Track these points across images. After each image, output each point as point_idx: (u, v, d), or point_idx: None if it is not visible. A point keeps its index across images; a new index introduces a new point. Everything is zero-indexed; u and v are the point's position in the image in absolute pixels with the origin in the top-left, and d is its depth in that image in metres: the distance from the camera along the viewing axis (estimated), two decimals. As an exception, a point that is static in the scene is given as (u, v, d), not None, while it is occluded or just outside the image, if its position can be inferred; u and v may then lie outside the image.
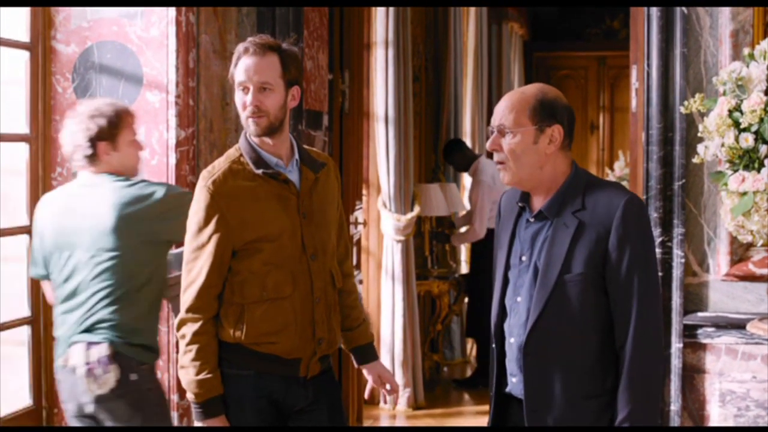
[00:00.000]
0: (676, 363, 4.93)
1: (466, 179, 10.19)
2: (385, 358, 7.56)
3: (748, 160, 4.25)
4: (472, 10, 10.74)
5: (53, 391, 4.58)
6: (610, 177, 10.83)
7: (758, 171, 4.21)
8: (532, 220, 3.44)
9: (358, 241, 6.69)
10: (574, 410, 3.38)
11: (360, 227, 6.50)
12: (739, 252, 4.92)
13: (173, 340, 4.58)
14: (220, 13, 5.01)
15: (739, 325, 4.78)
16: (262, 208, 3.75)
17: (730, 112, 4.32)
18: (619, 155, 11.54)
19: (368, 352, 4.14)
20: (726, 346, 4.91)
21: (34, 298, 4.66)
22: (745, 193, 4.26)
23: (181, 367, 3.76)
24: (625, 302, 3.33)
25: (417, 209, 7.93)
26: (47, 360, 4.63)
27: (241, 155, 3.79)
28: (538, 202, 3.44)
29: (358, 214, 6.41)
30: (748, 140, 4.22)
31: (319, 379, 3.89)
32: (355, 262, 6.46)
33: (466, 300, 9.35)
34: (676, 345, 4.92)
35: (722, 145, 4.29)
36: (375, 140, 7.58)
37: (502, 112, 3.38)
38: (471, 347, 10.05)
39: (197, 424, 3.76)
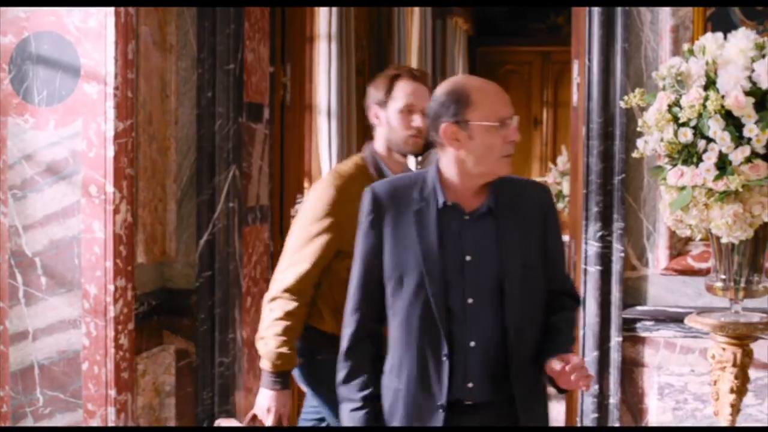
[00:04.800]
0: (615, 356, 4.95)
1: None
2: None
3: (686, 155, 4.26)
4: (417, 4, 10.74)
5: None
6: (553, 172, 10.85)
7: (696, 166, 4.23)
8: (467, 218, 3.40)
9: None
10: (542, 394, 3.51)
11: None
12: (678, 246, 4.95)
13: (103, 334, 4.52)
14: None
15: (677, 319, 4.80)
16: None
17: (670, 107, 4.33)
18: (562, 150, 11.57)
19: None
20: (665, 339, 4.93)
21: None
22: (683, 188, 4.28)
23: (261, 338, 4.10)
24: (561, 273, 3.57)
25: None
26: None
27: (366, 165, 4.17)
28: (475, 199, 3.40)
29: (299, 208, 6.36)
30: (686, 135, 4.24)
31: None
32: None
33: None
34: (615, 339, 4.94)
35: (661, 140, 4.30)
36: (317, 133, 7.55)
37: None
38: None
39: (267, 391, 4.10)
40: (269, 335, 4.07)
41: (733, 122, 4.21)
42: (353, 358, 3.48)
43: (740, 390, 4.48)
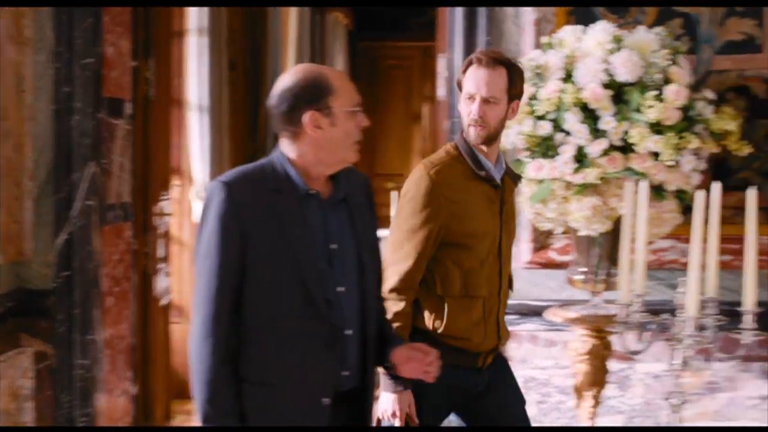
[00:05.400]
0: (480, 351, 4.94)
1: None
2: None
3: (545, 148, 4.28)
4: (294, -2, 10.65)
5: None
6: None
7: (554, 159, 4.24)
8: (327, 205, 3.35)
9: (167, 232, 6.53)
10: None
11: (166, 218, 6.36)
12: (542, 240, 4.97)
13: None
14: (15, -4, 4.82)
15: (541, 313, 4.82)
16: (474, 205, 3.92)
17: (530, 99, 4.34)
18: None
19: None
20: (529, 333, 4.95)
21: None
22: (542, 181, 4.29)
23: None
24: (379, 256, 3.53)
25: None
26: None
27: (460, 153, 3.96)
28: (327, 187, 3.36)
29: (165, 205, 6.26)
30: (545, 128, 4.25)
31: (492, 365, 4.08)
32: (164, 254, 6.31)
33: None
34: (480, 333, 4.94)
35: (521, 132, 4.31)
36: (188, 129, 7.42)
37: None
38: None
39: (389, 394, 3.86)
40: None
41: (590, 115, 4.23)
42: (224, 381, 3.28)
43: (600, 382, 4.51)
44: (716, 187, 3.04)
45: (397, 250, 3.94)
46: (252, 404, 3.29)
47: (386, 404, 3.91)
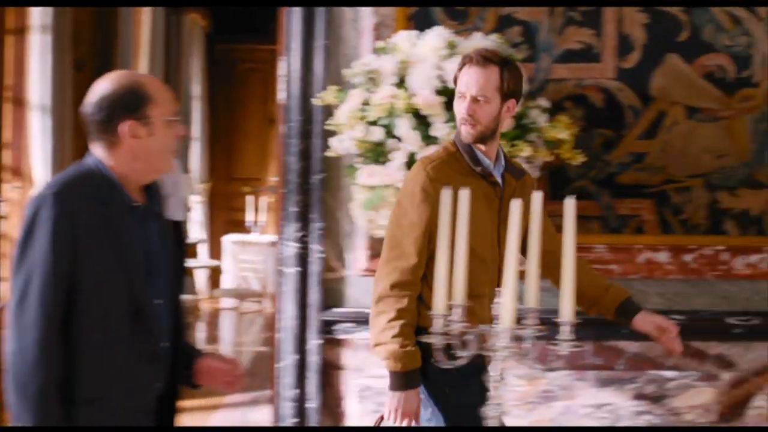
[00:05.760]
0: (314, 359, 4.88)
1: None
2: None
3: (377, 154, 4.22)
4: (148, -3, 10.43)
5: None
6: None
7: (386, 165, 4.18)
8: (147, 217, 3.24)
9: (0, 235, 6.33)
10: None
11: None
12: (378, 247, 4.87)
13: None
14: None
15: (375, 321, 4.74)
16: (472, 202, 3.73)
17: (363, 105, 4.27)
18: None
19: None
20: (364, 341, 4.88)
21: None
22: (374, 188, 4.23)
23: (378, 344, 3.88)
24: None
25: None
26: None
27: (457, 150, 3.92)
28: (141, 197, 3.25)
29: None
30: (377, 134, 4.19)
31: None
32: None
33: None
34: (313, 341, 4.87)
35: (353, 138, 4.24)
36: (28, 129, 7.20)
37: None
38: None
39: (395, 393, 3.86)
40: (387, 339, 3.85)
41: (423, 121, 4.18)
42: (54, 402, 3.09)
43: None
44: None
45: (395, 246, 3.90)
46: (81, 422, 3.15)
47: (391, 402, 3.91)
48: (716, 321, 5.03)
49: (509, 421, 4.92)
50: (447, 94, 4.18)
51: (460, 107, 3.86)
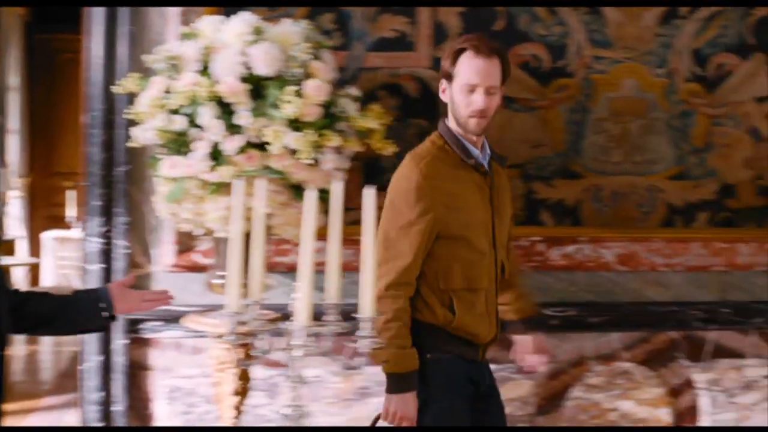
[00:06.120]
0: (119, 360, 4.68)
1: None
2: None
3: (179, 145, 4.03)
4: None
5: None
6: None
7: (189, 156, 4.00)
8: None
9: None
10: None
11: None
12: (187, 242, 4.70)
13: None
14: None
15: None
16: (466, 195, 3.91)
17: (165, 93, 4.08)
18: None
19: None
20: (173, 340, 4.70)
21: None
22: (177, 179, 4.05)
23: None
24: None
25: None
26: None
27: (445, 142, 3.95)
28: None
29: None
30: (179, 123, 4.00)
31: (488, 367, 4.15)
32: None
33: None
34: (119, 341, 4.66)
35: (153, 127, 4.04)
36: None
37: None
38: None
39: (393, 395, 3.82)
40: (385, 340, 3.75)
41: (227, 110, 4.01)
42: None
43: (243, 391, 4.31)
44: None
45: (390, 246, 3.85)
46: None
47: (388, 404, 3.84)
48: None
49: (326, 420, 4.82)
50: (252, 82, 4.01)
51: (471, 99, 3.87)
